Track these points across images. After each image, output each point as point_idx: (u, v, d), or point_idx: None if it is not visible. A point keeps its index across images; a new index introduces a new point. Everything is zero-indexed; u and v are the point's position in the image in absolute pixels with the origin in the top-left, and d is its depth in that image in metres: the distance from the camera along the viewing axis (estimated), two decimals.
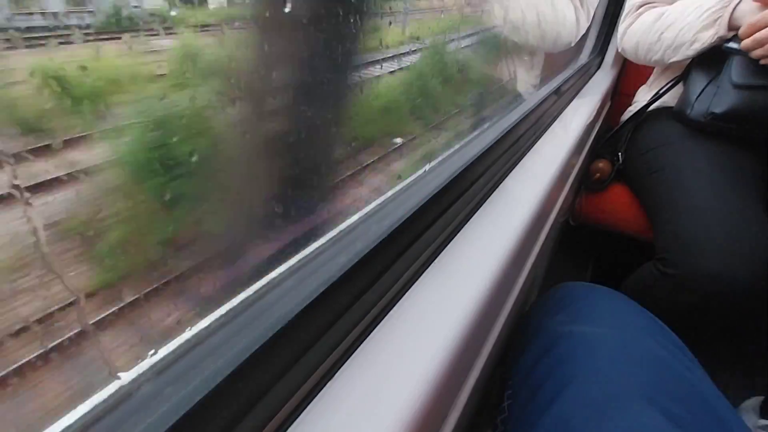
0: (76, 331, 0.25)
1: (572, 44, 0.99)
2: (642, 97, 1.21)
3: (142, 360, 0.20)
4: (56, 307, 0.27)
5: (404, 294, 0.35)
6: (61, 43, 0.22)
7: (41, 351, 0.26)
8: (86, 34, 0.23)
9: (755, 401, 0.98)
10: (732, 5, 0.88)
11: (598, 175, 1.16)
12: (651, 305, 0.56)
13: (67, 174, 0.26)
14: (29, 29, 0.21)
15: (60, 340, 0.25)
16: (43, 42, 0.22)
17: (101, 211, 0.28)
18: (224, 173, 0.31)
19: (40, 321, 0.27)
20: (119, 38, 0.26)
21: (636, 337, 0.46)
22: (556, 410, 0.39)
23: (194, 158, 0.26)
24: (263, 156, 0.33)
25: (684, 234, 0.83)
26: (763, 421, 0.93)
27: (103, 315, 0.31)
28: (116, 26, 0.26)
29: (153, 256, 0.31)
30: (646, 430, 0.35)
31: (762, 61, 0.84)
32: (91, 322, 0.28)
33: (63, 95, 0.25)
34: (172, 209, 0.29)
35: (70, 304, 0.24)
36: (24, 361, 0.26)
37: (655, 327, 0.49)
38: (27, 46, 0.20)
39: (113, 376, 0.20)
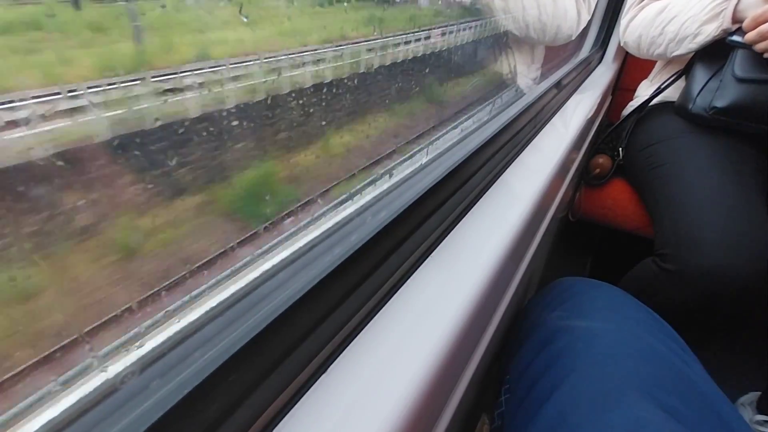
0: None
1: (573, 37, 0.97)
2: (643, 91, 1.19)
3: (129, 352, 0.20)
4: None
5: (400, 287, 0.35)
6: None
7: None
8: None
9: (752, 396, 0.99)
10: None
11: (598, 170, 1.15)
12: (650, 301, 0.55)
13: None
14: None
15: None
16: None
17: None
18: None
19: None
20: None
21: (634, 332, 0.45)
22: (554, 404, 0.38)
23: None
24: None
25: (684, 230, 0.83)
26: (760, 416, 0.94)
27: None
28: None
29: None
30: (643, 424, 0.35)
31: (766, 55, 0.83)
32: None
33: None
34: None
35: None
36: None
37: (653, 322, 0.49)
38: None
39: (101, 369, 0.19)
